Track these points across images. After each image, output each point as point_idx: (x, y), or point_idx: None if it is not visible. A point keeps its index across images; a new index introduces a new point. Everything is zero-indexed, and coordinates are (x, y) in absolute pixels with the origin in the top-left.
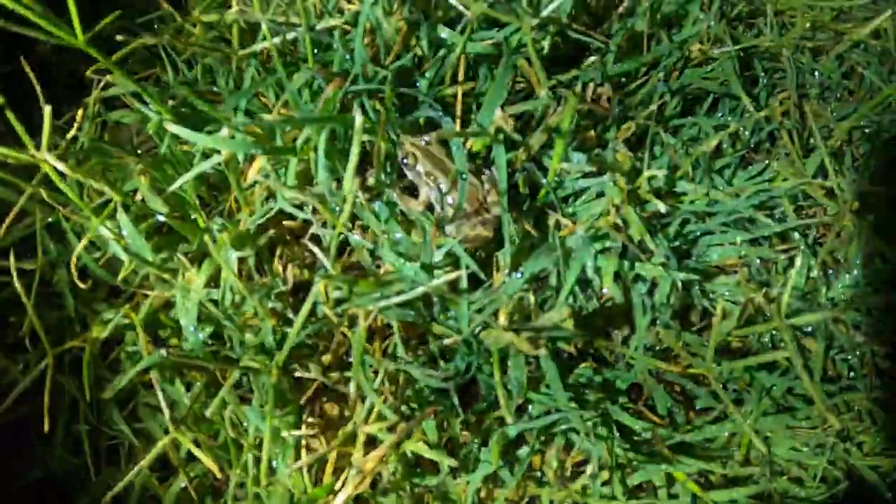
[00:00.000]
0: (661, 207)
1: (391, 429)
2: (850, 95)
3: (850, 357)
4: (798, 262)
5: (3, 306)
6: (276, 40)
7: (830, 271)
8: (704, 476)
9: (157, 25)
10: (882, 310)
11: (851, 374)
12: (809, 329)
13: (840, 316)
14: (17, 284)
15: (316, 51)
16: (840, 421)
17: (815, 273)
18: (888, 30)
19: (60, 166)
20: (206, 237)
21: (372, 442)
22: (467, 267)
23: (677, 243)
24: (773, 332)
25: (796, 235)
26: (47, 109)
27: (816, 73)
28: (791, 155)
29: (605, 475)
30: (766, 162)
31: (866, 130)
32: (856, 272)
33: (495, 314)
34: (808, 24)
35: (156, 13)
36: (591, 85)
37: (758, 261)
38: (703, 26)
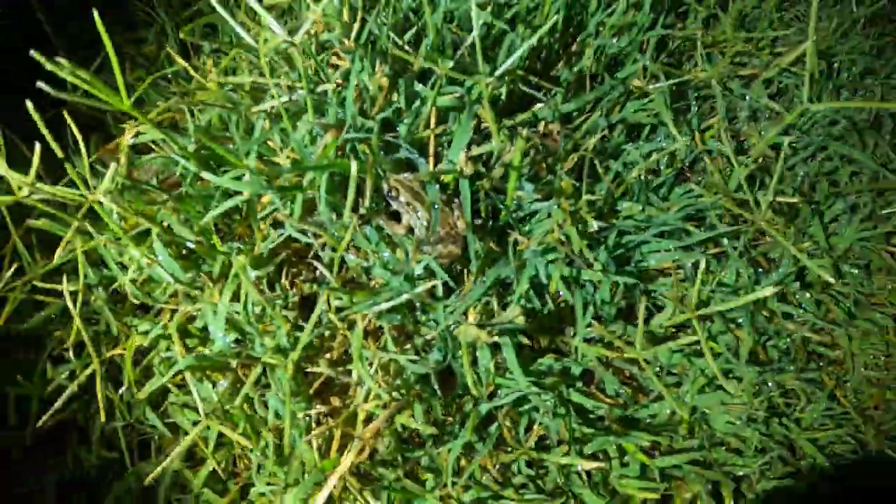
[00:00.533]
0: (594, 225)
1: (385, 406)
2: (777, 115)
3: (780, 343)
4: (729, 263)
5: (44, 324)
6: (284, 99)
7: (761, 270)
8: (657, 449)
9: (170, 76)
10: (812, 301)
11: (783, 358)
12: (741, 321)
13: (760, 300)
14: (69, 303)
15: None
16: (769, 398)
17: (745, 272)
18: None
19: (114, 207)
20: (233, 259)
21: (370, 420)
22: (442, 278)
23: (620, 251)
24: (710, 322)
25: (725, 241)
26: (112, 167)
27: (747, 98)
28: (714, 174)
29: (564, 448)
30: (701, 179)
31: (793, 146)
32: (781, 270)
33: (465, 314)
34: (737, 51)
35: (171, 69)
36: (543, 122)
37: (689, 264)
38: (640, 66)
